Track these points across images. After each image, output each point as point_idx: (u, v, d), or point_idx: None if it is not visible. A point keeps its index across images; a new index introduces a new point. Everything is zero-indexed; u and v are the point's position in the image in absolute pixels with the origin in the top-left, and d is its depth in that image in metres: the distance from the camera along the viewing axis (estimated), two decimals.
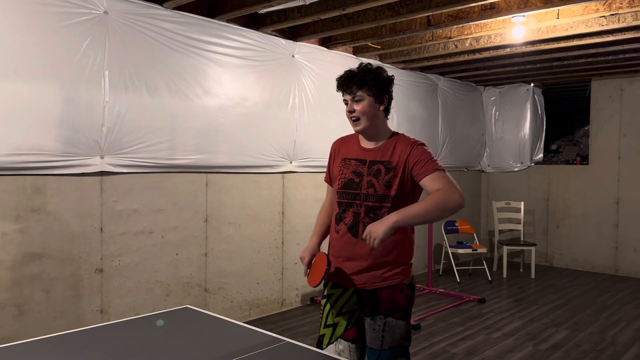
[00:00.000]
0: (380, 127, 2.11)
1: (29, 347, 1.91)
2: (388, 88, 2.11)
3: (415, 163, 2.02)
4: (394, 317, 2.05)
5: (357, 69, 2.09)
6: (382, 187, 2.05)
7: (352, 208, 2.11)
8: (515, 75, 6.76)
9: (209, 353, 1.86)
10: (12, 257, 3.15)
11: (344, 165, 2.18)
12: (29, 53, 3.12)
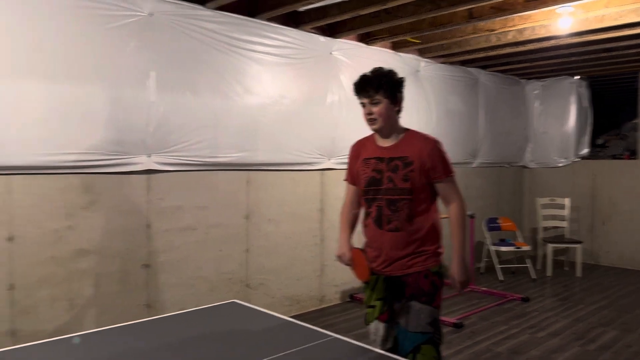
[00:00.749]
0: (394, 125, 2.31)
1: (87, 338, 1.98)
2: (401, 89, 2.30)
3: (433, 164, 2.23)
4: (418, 301, 2.22)
5: (372, 73, 2.27)
6: (401, 180, 2.24)
7: (376, 202, 2.31)
8: (559, 68, 6.56)
9: (258, 347, 1.88)
10: (63, 253, 3.27)
11: (365, 165, 2.35)
12: (79, 56, 3.23)
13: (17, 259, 3.11)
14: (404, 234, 2.23)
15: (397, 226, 2.24)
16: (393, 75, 2.27)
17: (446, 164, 2.27)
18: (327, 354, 1.84)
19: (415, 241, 2.24)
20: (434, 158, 2.23)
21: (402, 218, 2.23)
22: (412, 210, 2.23)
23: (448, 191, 2.27)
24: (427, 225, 2.26)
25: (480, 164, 6.55)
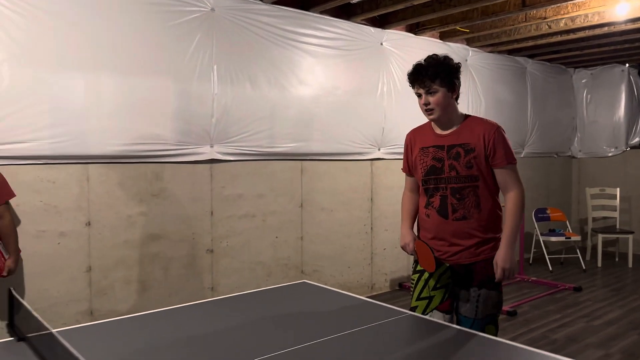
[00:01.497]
0: (453, 113, 2.22)
1: (174, 313, 2.14)
2: (458, 76, 2.20)
3: (495, 148, 2.16)
4: (487, 289, 2.19)
5: (426, 61, 2.18)
6: (464, 168, 2.18)
7: (439, 192, 2.24)
8: (609, 56, 6.43)
9: (331, 323, 1.99)
10: (136, 237, 3.47)
11: (423, 154, 2.29)
12: (149, 51, 3.41)
13: (94, 242, 3.32)
14: (471, 222, 2.18)
15: (464, 214, 2.19)
16: (449, 62, 2.18)
17: (507, 150, 2.18)
18: (402, 330, 1.93)
19: (482, 228, 2.19)
20: (495, 143, 2.15)
21: (469, 206, 2.18)
22: (478, 197, 2.18)
23: (507, 179, 2.18)
24: (494, 211, 2.21)
25: (528, 154, 6.50)
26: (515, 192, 2.18)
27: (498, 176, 2.20)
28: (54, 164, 3.13)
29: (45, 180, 3.12)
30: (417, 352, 1.71)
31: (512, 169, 2.19)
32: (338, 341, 1.79)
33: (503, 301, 2.29)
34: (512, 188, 2.18)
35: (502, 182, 2.20)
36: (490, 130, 2.17)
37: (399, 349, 1.73)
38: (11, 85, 2.93)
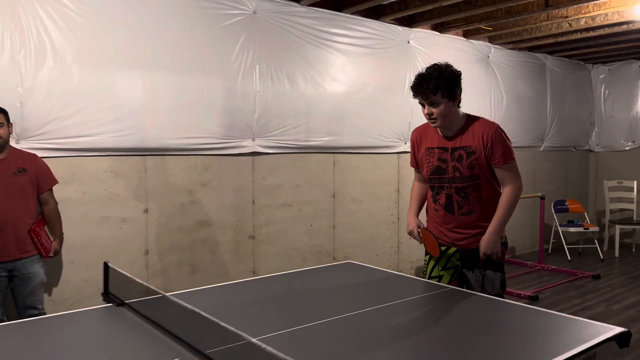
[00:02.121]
0: (454, 118, 2.38)
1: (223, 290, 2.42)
2: (459, 84, 2.34)
3: (493, 149, 2.33)
4: (492, 270, 2.43)
5: (427, 73, 2.29)
6: (466, 169, 2.39)
7: (444, 190, 2.45)
8: (626, 53, 6.59)
9: (377, 296, 2.25)
10: (187, 224, 3.77)
11: (428, 154, 2.49)
12: (199, 51, 3.69)
13: (150, 228, 3.62)
14: (476, 215, 2.39)
15: (469, 210, 2.40)
16: (450, 73, 2.28)
17: (505, 150, 2.33)
18: (445, 301, 2.19)
19: (485, 219, 2.39)
20: (493, 144, 2.31)
21: (472, 202, 2.39)
22: (480, 193, 2.39)
23: (505, 176, 2.36)
24: (495, 202, 2.40)
25: (547, 148, 6.70)
26: (511, 187, 2.36)
27: (497, 173, 2.39)
28: (116, 155, 3.43)
29: (109, 170, 3.42)
30: (459, 317, 1.98)
31: (509, 167, 2.36)
32: (393, 308, 2.06)
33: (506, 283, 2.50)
34: (509, 184, 2.37)
35: (500, 179, 2.40)
36: (489, 132, 2.34)
37: (445, 314, 2.00)
38: (80, 84, 3.22)
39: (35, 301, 2.88)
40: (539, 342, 1.70)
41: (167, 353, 1.59)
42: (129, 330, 1.83)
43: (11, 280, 2.85)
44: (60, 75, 3.14)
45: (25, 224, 2.83)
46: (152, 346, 1.67)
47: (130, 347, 1.68)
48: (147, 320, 1.88)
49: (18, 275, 2.84)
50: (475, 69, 5.71)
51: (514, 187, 2.37)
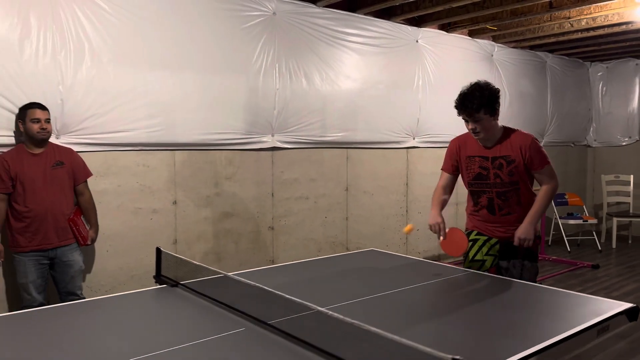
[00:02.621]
0: (495, 131, 2.63)
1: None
2: (498, 100, 2.58)
3: (532, 158, 2.59)
4: (529, 260, 2.66)
5: (470, 92, 2.53)
6: (507, 176, 2.64)
7: (486, 194, 2.73)
8: (623, 51, 6.83)
9: (400, 279, 2.47)
10: (212, 215, 3.97)
11: (470, 162, 2.73)
12: (224, 51, 3.88)
13: (179, 219, 3.81)
14: (515, 215, 2.65)
15: (509, 211, 2.66)
16: (490, 92, 2.53)
17: (542, 156, 2.60)
18: (458, 287, 2.40)
19: (523, 217, 2.63)
20: (532, 153, 2.57)
21: (512, 204, 2.65)
22: (519, 196, 2.65)
23: (543, 178, 2.64)
24: (532, 202, 2.65)
25: (547, 143, 6.93)
26: (548, 186, 2.64)
27: (536, 176, 2.65)
28: (148, 150, 3.62)
29: (141, 164, 3.61)
30: (467, 302, 2.19)
31: (546, 171, 2.63)
32: (410, 292, 2.27)
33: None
34: (546, 183, 2.64)
35: (539, 180, 2.67)
36: (526, 143, 2.59)
37: (454, 299, 2.22)
38: (115, 83, 3.41)
39: (75, 287, 3.07)
40: (564, 315, 1.92)
41: (233, 325, 1.80)
42: (189, 306, 2.03)
43: (52, 267, 3.04)
44: (97, 74, 3.32)
45: (64, 214, 3.02)
46: (216, 319, 1.87)
47: (194, 321, 1.88)
48: (205, 297, 2.09)
49: (58, 263, 3.03)
50: (480, 66, 5.92)
51: (550, 185, 2.64)
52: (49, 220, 2.97)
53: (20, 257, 2.93)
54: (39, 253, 2.96)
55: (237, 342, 1.66)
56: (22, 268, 2.90)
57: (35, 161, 2.95)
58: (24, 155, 2.94)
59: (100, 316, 1.96)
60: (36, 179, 2.93)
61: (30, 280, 2.90)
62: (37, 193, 2.92)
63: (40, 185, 2.93)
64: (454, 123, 5.29)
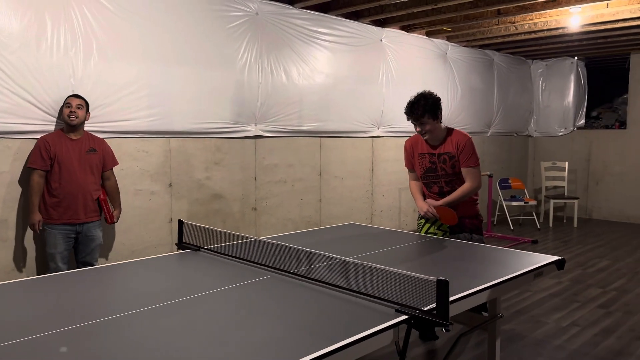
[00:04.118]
0: (439, 132, 3.21)
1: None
2: (440, 106, 3.17)
3: (462, 154, 3.16)
4: (476, 234, 3.29)
5: (415, 101, 3.12)
6: (450, 168, 3.25)
7: (436, 184, 3.32)
8: (561, 51, 7.65)
9: (375, 243, 3.01)
10: (203, 196, 4.38)
11: (421, 158, 3.34)
12: (213, 47, 4.27)
13: (174, 200, 4.21)
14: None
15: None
16: (432, 100, 3.08)
17: (471, 157, 3.12)
18: (428, 247, 2.96)
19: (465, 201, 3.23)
20: (465, 151, 3.14)
21: (456, 189, 3.21)
22: (460, 183, 3.20)
23: (467, 176, 3.16)
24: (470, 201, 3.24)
25: (494, 134, 7.69)
26: (467, 185, 3.16)
27: (462, 172, 3.18)
28: (147, 137, 3.99)
29: (142, 150, 3.98)
30: (439, 257, 2.77)
31: (471, 171, 3.14)
32: (391, 251, 2.82)
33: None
34: (468, 181, 3.18)
35: (464, 177, 3.20)
36: (462, 141, 3.16)
37: (427, 254, 2.79)
38: (119, 76, 3.75)
39: (93, 259, 3.45)
40: (511, 265, 2.52)
41: (260, 274, 2.27)
42: (216, 264, 2.48)
43: (76, 240, 3.40)
44: (104, 68, 3.67)
45: (93, 194, 3.39)
46: (243, 271, 2.33)
47: (223, 272, 2.33)
48: (229, 257, 2.55)
49: (83, 237, 3.39)
50: (435, 64, 6.54)
51: (470, 185, 3.17)
52: (80, 198, 3.34)
53: (51, 229, 3.28)
54: (69, 227, 3.32)
55: (266, 285, 2.13)
56: (52, 240, 3.25)
57: (73, 145, 3.33)
58: (63, 139, 3.31)
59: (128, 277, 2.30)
60: (72, 161, 3.30)
61: (59, 251, 3.26)
62: (71, 173, 3.29)
63: (75, 166, 3.30)
64: None
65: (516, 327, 3.64)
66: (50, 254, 3.28)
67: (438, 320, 1.71)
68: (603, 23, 5.64)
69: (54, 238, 3.26)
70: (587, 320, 3.79)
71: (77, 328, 1.66)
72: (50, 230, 3.27)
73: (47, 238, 3.30)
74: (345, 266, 2.20)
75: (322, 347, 1.50)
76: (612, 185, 7.88)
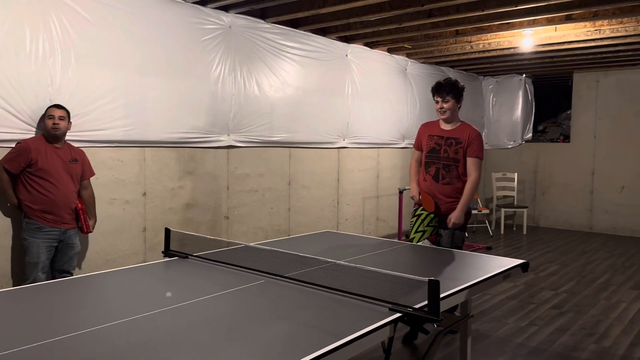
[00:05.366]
0: (455, 117, 3.56)
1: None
2: (463, 94, 3.54)
3: (471, 144, 3.48)
4: (458, 230, 3.53)
5: (444, 81, 3.50)
6: (453, 153, 3.49)
7: (435, 165, 3.56)
8: (510, 69, 8.15)
9: (349, 251, 3.19)
10: (177, 205, 4.42)
11: (429, 139, 3.60)
12: (188, 59, 4.35)
13: (148, 209, 4.23)
14: (452, 187, 3.48)
15: (448, 181, 3.49)
16: (459, 84, 3.52)
17: (478, 148, 3.42)
18: (404, 253, 3.16)
19: (456, 193, 3.49)
20: (473, 142, 3.44)
21: (452, 176, 3.48)
22: (458, 172, 3.47)
23: (471, 166, 3.44)
24: (463, 182, 3.51)
25: None
26: (473, 177, 3.49)
27: (467, 163, 3.48)
28: (122, 147, 4.01)
29: (116, 159, 3.99)
30: (417, 261, 2.97)
31: (476, 162, 3.46)
32: (369, 257, 3.00)
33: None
34: (473, 173, 3.49)
35: (468, 168, 3.50)
36: (473, 133, 3.50)
37: (404, 259, 2.98)
38: (97, 86, 3.77)
39: (71, 267, 3.44)
40: (483, 268, 2.74)
41: (254, 278, 2.38)
42: (206, 270, 2.57)
43: (56, 249, 3.37)
44: (81, 78, 3.67)
45: (73, 203, 3.39)
46: (236, 277, 2.43)
47: (216, 279, 2.42)
48: (219, 263, 2.64)
49: (64, 244, 3.39)
50: (396, 79, 6.84)
51: (474, 177, 3.47)
52: (62, 206, 3.33)
53: (34, 239, 3.25)
54: (54, 234, 3.31)
55: (262, 290, 2.25)
56: (35, 250, 3.21)
57: (58, 154, 3.34)
58: (48, 148, 3.30)
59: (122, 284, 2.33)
60: (58, 169, 3.30)
61: (41, 260, 3.23)
62: (56, 181, 3.30)
63: (60, 175, 3.31)
64: (377, 127, 6.22)
65: (480, 327, 3.89)
66: (32, 264, 3.25)
67: (430, 316, 1.89)
68: (551, 44, 6.10)
69: (37, 248, 3.23)
70: (542, 320, 4.09)
71: (75, 336, 1.71)
72: (34, 240, 3.24)
73: (30, 248, 3.26)
74: (336, 269, 2.35)
75: (330, 343, 1.64)
76: (558, 195, 8.42)
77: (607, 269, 5.73)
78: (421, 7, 4.51)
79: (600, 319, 4.11)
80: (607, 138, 7.95)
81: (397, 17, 5.08)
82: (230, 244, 2.89)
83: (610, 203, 7.96)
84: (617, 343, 3.62)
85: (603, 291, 4.91)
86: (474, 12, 4.70)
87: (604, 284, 5.15)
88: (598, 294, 4.83)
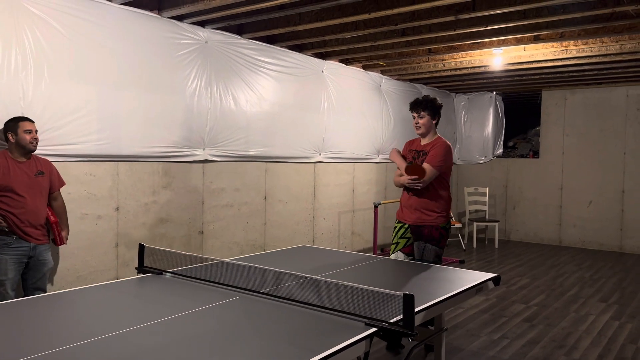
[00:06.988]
0: (431, 132, 3.65)
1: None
2: (439, 111, 3.63)
3: (430, 152, 3.56)
4: (431, 244, 3.56)
5: (422, 98, 3.61)
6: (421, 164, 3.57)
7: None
8: (481, 86, 8.36)
9: (327, 265, 3.21)
10: (150, 220, 4.37)
11: (409, 153, 3.74)
12: (164, 74, 4.34)
13: (121, 224, 4.17)
14: (425, 199, 3.55)
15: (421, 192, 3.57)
16: (436, 102, 3.60)
17: (435, 157, 3.48)
18: (378, 268, 3.19)
19: (430, 205, 3.54)
20: (434, 150, 3.52)
21: (422, 189, 3.55)
22: (433, 185, 3.54)
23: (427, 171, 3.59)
24: (437, 196, 3.57)
25: None
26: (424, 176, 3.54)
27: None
28: (95, 161, 3.95)
29: (89, 174, 3.93)
30: (391, 276, 3.00)
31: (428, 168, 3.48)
32: (346, 272, 3.02)
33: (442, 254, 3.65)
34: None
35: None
36: (439, 142, 3.60)
37: (381, 274, 3.01)
38: (70, 100, 3.72)
39: (44, 284, 3.35)
40: (455, 282, 2.78)
41: (229, 294, 2.37)
42: (181, 286, 2.55)
43: (26, 265, 3.29)
44: (54, 91, 3.63)
45: (42, 217, 3.31)
46: (212, 293, 2.42)
47: (191, 295, 2.40)
48: (194, 279, 2.62)
49: (35, 261, 3.30)
50: (370, 95, 6.94)
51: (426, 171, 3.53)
52: (30, 221, 3.24)
53: (2, 255, 3.16)
54: (22, 251, 3.22)
55: (238, 306, 2.24)
56: (4, 266, 3.12)
57: (22, 169, 3.24)
58: (11, 163, 3.21)
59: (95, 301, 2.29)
60: (22, 184, 3.21)
61: (10, 277, 3.14)
62: (22, 197, 3.20)
63: (25, 190, 3.21)
64: (352, 142, 6.29)
65: (453, 340, 3.93)
66: (1, 282, 3.16)
67: (405, 330, 1.91)
68: (520, 63, 6.29)
69: (5, 264, 3.14)
70: (514, 333, 4.16)
71: (47, 355, 1.68)
72: (1, 256, 3.16)
73: None
74: (312, 284, 2.36)
75: (308, 358, 1.64)
76: (527, 209, 8.62)
77: (576, 282, 5.88)
78: (395, 26, 4.61)
79: (570, 332, 4.21)
80: (575, 154, 8.20)
81: (372, 35, 5.18)
82: (205, 259, 2.87)
83: (578, 218, 8.18)
84: (586, 355, 3.71)
85: (572, 304, 5.03)
86: (446, 32, 4.82)
87: (573, 297, 5.27)
88: (568, 306, 4.94)
